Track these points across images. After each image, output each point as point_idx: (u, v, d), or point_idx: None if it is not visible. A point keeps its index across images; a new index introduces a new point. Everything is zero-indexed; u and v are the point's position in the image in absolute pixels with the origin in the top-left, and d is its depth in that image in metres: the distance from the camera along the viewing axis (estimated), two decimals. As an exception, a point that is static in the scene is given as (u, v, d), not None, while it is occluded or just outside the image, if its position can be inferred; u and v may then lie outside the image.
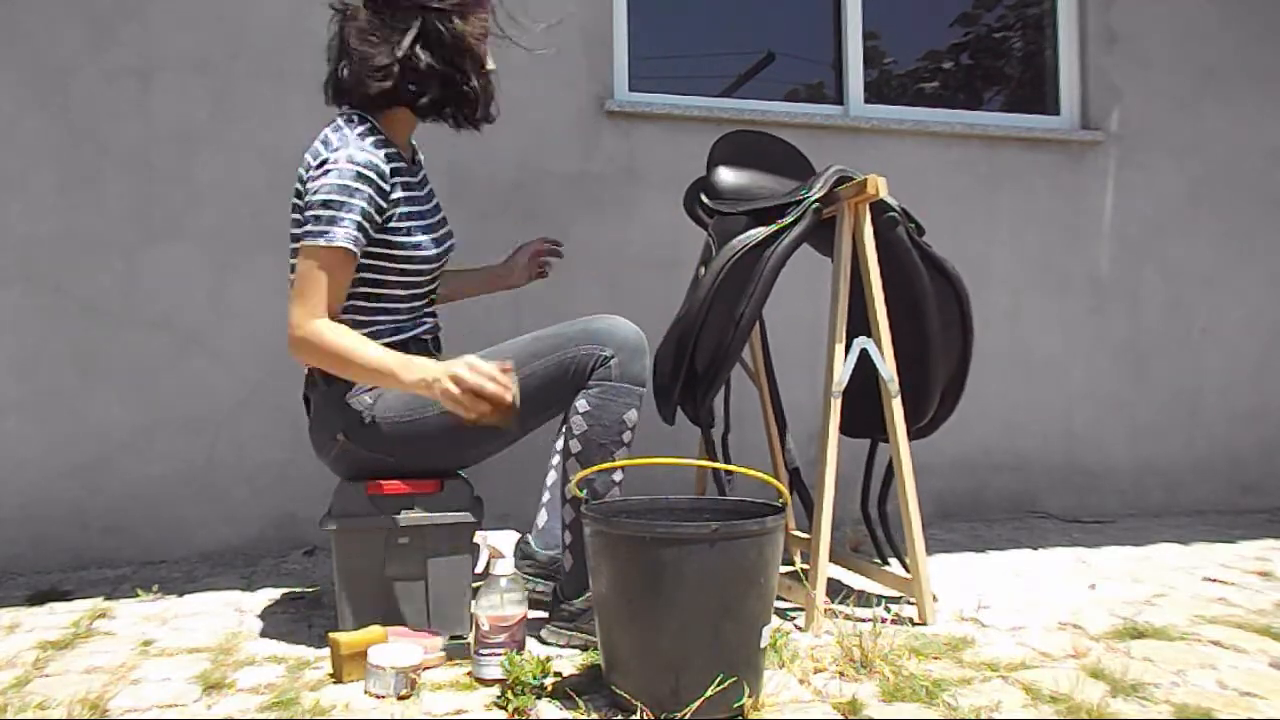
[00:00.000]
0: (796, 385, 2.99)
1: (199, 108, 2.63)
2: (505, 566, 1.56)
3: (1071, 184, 3.30)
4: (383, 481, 1.72)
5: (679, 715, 1.31)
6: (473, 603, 1.56)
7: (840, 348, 1.89)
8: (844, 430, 2.16)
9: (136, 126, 2.59)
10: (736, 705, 1.35)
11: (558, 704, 1.44)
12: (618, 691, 1.38)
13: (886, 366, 1.90)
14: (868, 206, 1.92)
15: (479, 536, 1.58)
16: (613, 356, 1.70)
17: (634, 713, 1.34)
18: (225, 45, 2.65)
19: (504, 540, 1.57)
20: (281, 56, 2.69)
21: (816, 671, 1.58)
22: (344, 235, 1.63)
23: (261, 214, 2.66)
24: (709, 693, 1.31)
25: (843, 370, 1.88)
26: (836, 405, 1.89)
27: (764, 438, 2.46)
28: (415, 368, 1.59)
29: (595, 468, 1.57)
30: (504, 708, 1.41)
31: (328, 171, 1.65)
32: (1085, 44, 3.34)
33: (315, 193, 1.65)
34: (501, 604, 1.52)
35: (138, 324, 2.58)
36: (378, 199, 1.69)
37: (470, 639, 1.54)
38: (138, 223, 2.58)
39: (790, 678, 1.55)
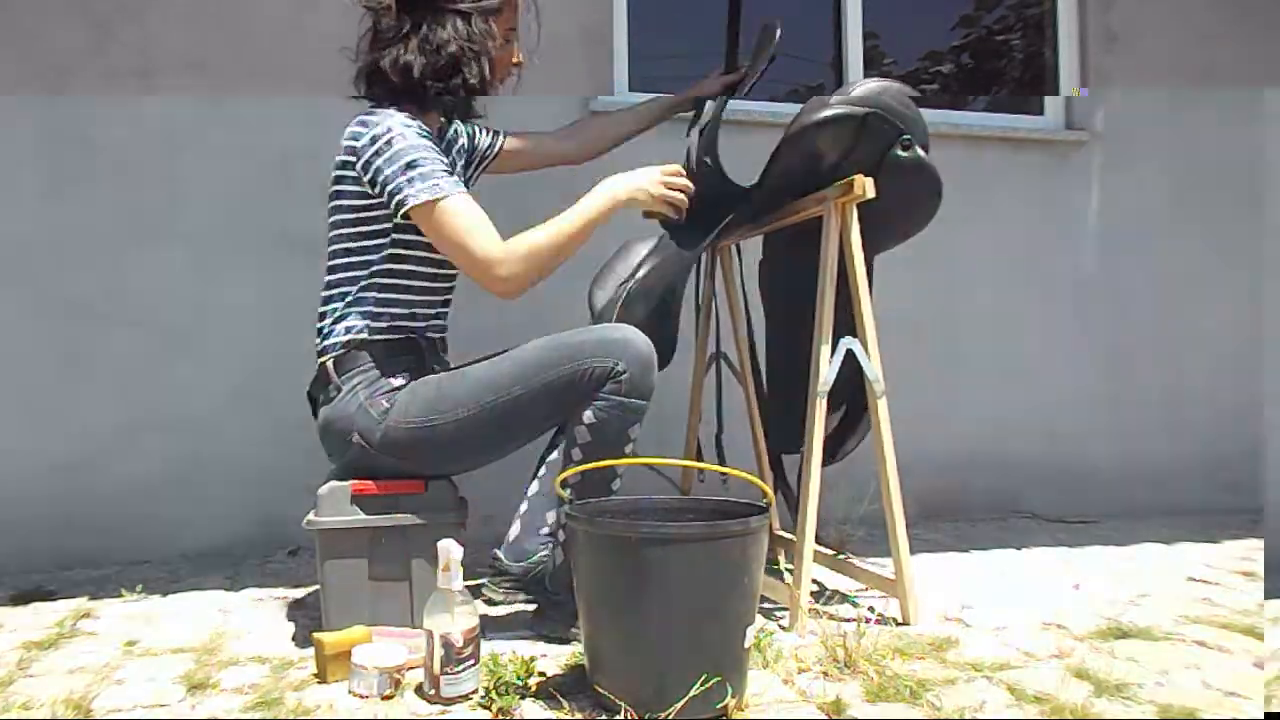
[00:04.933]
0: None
1: (197, 108, 2.60)
2: (459, 579, 1.50)
3: (1057, 184, 3.31)
4: (367, 482, 1.72)
5: (663, 715, 1.31)
6: (433, 623, 1.46)
7: (826, 348, 1.89)
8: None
9: (133, 127, 2.57)
10: (720, 705, 1.35)
11: (542, 704, 1.44)
12: (601, 692, 1.38)
13: (873, 366, 1.91)
14: (854, 207, 1.92)
15: (442, 546, 1.52)
16: (625, 371, 1.68)
17: (618, 713, 1.34)
18: (225, 45, 2.64)
19: (455, 550, 1.51)
20: (281, 56, 2.66)
21: (800, 672, 1.58)
22: (449, 184, 1.71)
23: (251, 215, 2.64)
24: (693, 693, 1.31)
25: (828, 370, 1.89)
26: (822, 405, 1.89)
27: (749, 437, 2.46)
28: (620, 190, 1.84)
29: (581, 467, 1.57)
30: (488, 708, 1.41)
31: (390, 140, 1.70)
32: (1085, 44, 3.35)
33: (395, 158, 1.69)
34: (471, 614, 1.48)
35: (124, 324, 2.56)
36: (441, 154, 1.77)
37: (434, 663, 1.48)
38: (125, 223, 2.56)
39: (774, 678, 1.55)
